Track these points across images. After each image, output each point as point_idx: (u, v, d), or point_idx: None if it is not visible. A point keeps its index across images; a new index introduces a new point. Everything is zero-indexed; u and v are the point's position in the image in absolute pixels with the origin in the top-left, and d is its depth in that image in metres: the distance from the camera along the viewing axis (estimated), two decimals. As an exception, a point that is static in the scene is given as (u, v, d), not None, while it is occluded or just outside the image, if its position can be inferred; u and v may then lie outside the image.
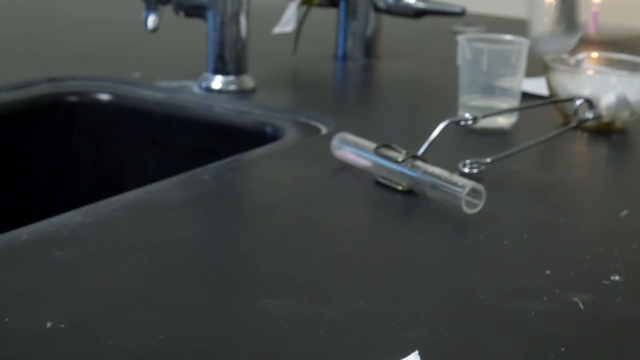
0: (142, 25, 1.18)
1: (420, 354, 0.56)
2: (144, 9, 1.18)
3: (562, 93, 1.08)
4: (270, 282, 0.66)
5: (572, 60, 1.14)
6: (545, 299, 0.65)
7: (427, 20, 1.36)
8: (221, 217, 0.80)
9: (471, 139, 1.02)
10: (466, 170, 0.89)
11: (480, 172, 0.89)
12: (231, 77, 1.19)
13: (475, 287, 0.67)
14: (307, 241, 0.75)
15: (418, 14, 1.33)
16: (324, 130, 1.04)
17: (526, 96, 1.14)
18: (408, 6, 1.33)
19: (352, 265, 0.70)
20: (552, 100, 1.10)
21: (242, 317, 0.61)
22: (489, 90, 1.08)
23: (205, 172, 0.88)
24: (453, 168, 0.87)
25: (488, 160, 0.90)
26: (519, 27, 1.64)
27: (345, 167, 0.91)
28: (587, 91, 1.05)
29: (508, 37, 1.12)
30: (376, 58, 1.41)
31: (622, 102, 1.05)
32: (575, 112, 1.03)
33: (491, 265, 0.71)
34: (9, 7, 1.72)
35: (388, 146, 0.88)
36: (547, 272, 0.69)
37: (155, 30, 1.18)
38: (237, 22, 1.18)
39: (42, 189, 1.19)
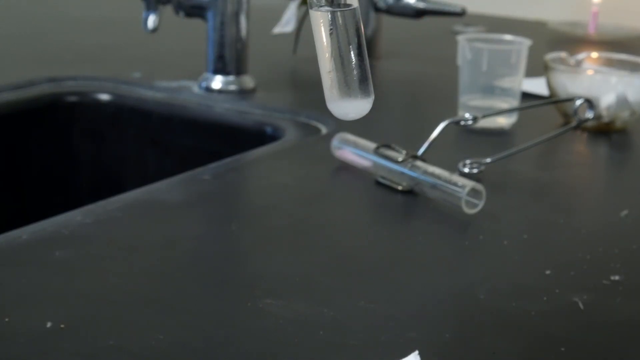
0: (142, 25, 1.18)
1: (420, 354, 0.56)
2: (144, 9, 1.18)
3: (562, 93, 1.08)
4: (270, 282, 0.66)
5: (572, 60, 1.14)
6: (545, 299, 0.65)
7: (427, 20, 1.36)
8: (221, 217, 0.80)
9: (471, 139, 1.02)
10: (466, 170, 0.89)
11: (480, 172, 0.89)
12: (231, 77, 1.19)
13: (475, 287, 0.67)
14: (307, 241, 0.75)
15: (418, 14, 1.33)
16: (324, 130, 1.04)
17: (526, 96, 1.14)
18: (408, 6, 1.33)
19: (352, 265, 0.70)
20: (552, 100, 1.10)
21: (242, 317, 0.61)
22: (489, 90, 1.08)
23: (205, 172, 0.88)
24: (453, 168, 0.87)
25: (488, 160, 0.90)
26: (519, 27, 1.64)
27: (345, 167, 0.91)
28: (587, 91, 1.05)
29: (508, 37, 1.12)
30: (376, 58, 1.41)
31: (622, 102, 1.05)
32: (575, 112, 1.03)
33: (491, 265, 0.71)
34: (9, 7, 1.72)
35: (388, 146, 0.88)
36: (547, 272, 0.69)
37: (155, 30, 1.18)
38: (237, 22, 1.18)
39: (42, 189, 1.19)
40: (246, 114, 1.13)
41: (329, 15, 0.43)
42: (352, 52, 0.43)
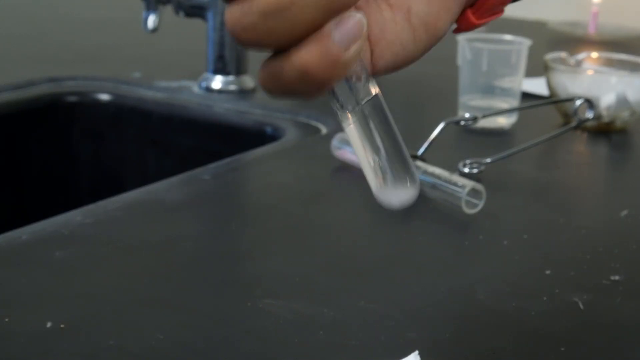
0: (142, 25, 1.18)
1: (420, 354, 0.56)
2: (144, 9, 1.18)
3: (562, 93, 1.07)
4: (270, 282, 0.66)
5: (572, 60, 1.14)
6: (545, 299, 0.65)
7: (427, 20, 1.36)
8: (221, 217, 0.80)
9: (471, 139, 1.02)
10: (466, 170, 0.89)
11: (480, 172, 0.89)
12: (231, 77, 1.19)
13: (475, 287, 0.67)
14: (307, 241, 0.75)
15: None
16: (324, 130, 1.04)
17: (526, 96, 1.14)
18: (408, 6, 1.33)
19: (352, 265, 0.70)
20: (552, 100, 1.10)
21: (242, 317, 0.61)
22: (489, 90, 1.08)
23: (205, 172, 0.88)
24: (453, 168, 0.87)
25: (488, 160, 0.90)
26: (519, 27, 1.64)
27: (345, 167, 0.91)
28: (587, 91, 1.05)
29: (508, 37, 1.12)
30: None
31: (622, 102, 1.05)
32: (575, 112, 1.03)
33: (491, 265, 0.71)
34: (9, 7, 1.72)
35: (388, 146, 0.88)
36: (547, 272, 0.69)
37: (155, 30, 1.18)
38: (237, 22, 1.18)
39: (42, 189, 1.19)
40: (246, 114, 1.13)
41: (355, 115, 0.42)
42: (386, 141, 0.43)
